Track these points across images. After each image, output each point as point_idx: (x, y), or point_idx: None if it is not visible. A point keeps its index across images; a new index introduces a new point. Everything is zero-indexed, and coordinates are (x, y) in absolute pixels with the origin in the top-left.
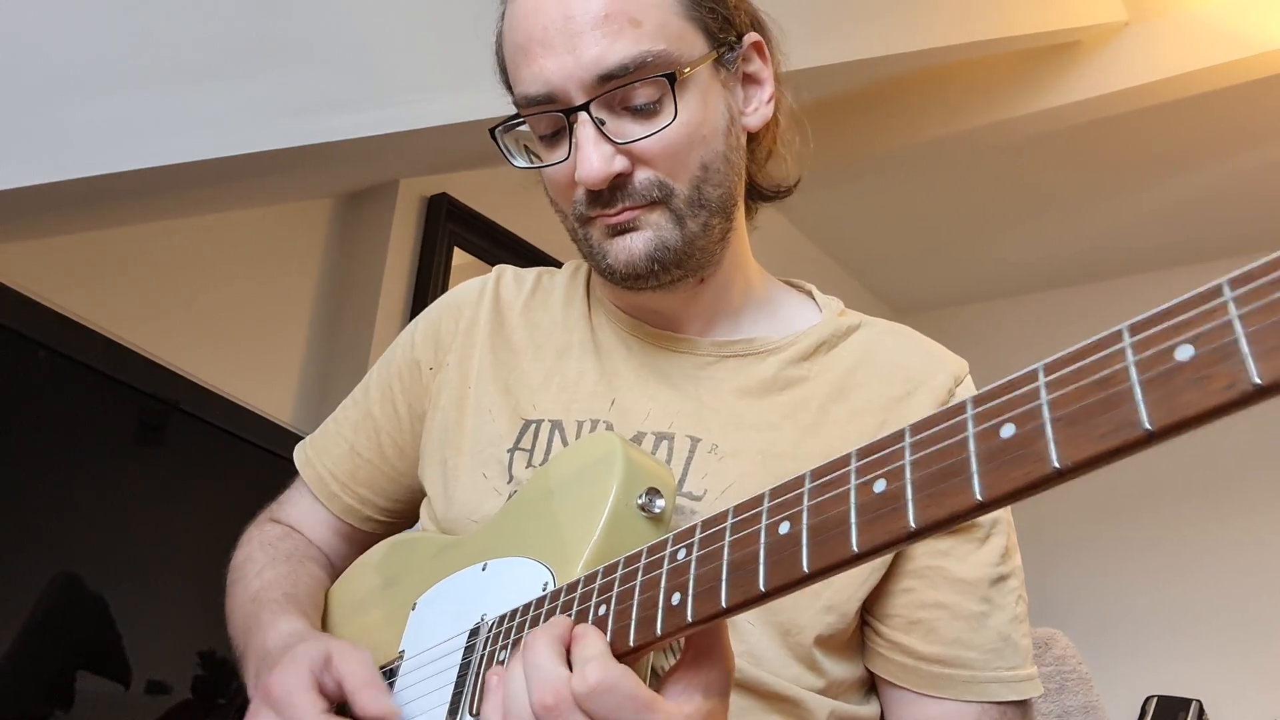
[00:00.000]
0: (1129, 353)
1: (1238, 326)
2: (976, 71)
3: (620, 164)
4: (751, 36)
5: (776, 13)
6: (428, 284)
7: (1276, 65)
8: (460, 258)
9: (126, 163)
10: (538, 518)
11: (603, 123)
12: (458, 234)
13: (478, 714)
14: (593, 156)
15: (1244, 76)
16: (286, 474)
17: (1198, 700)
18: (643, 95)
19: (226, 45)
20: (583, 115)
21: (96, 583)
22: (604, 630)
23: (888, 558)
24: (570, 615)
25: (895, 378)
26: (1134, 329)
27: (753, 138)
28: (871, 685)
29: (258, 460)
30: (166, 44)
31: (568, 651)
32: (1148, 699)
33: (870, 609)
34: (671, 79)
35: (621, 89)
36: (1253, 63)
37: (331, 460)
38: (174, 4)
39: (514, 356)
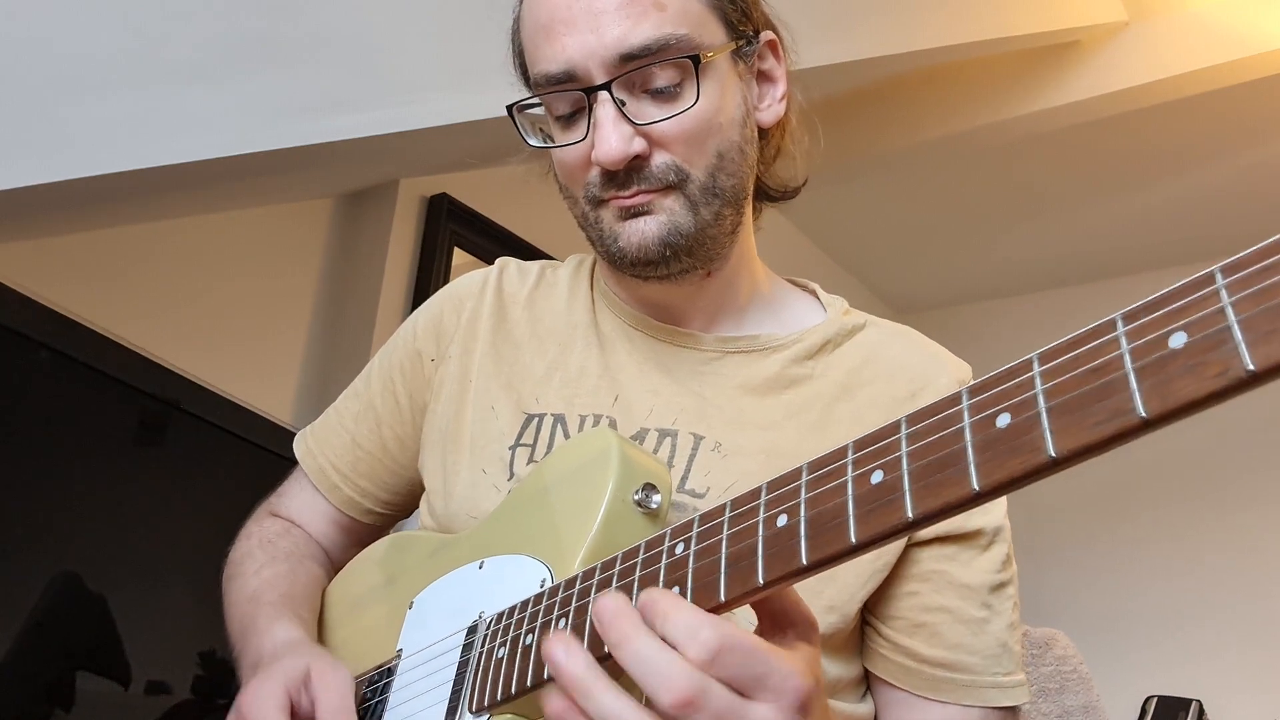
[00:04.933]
0: (1123, 341)
1: (1230, 313)
2: (976, 71)
3: (639, 145)
4: (767, 34)
5: (778, 12)
6: (428, 284)
7: (1276, 65)
8: (460, 258)
9: (126, 163)
10: (534, 514)
11: (623, 103)
12: (458, 234)
13: (478, 712)
14: (612, 136)
15: (1244, 76)
16: (287, 474)
17: (1198, 700)
18: (664, 78)
19: (227, 45)
20: (603, 95)
21: (96, 583)
22: None
23: (891, 559)
24: (569, 613)
25: (900, 379)
26: (1127, 318)
27: (762, 135)
28: (866, 684)
29: (258, 460)
30: (166, 44)
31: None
32: (1148, 699)
33: (873, 610)
34: (696, 61)
35: (642, 70)
36: (1253, 63)
37: (333, 452)
38: (174, 4)
39: (516, 350)
